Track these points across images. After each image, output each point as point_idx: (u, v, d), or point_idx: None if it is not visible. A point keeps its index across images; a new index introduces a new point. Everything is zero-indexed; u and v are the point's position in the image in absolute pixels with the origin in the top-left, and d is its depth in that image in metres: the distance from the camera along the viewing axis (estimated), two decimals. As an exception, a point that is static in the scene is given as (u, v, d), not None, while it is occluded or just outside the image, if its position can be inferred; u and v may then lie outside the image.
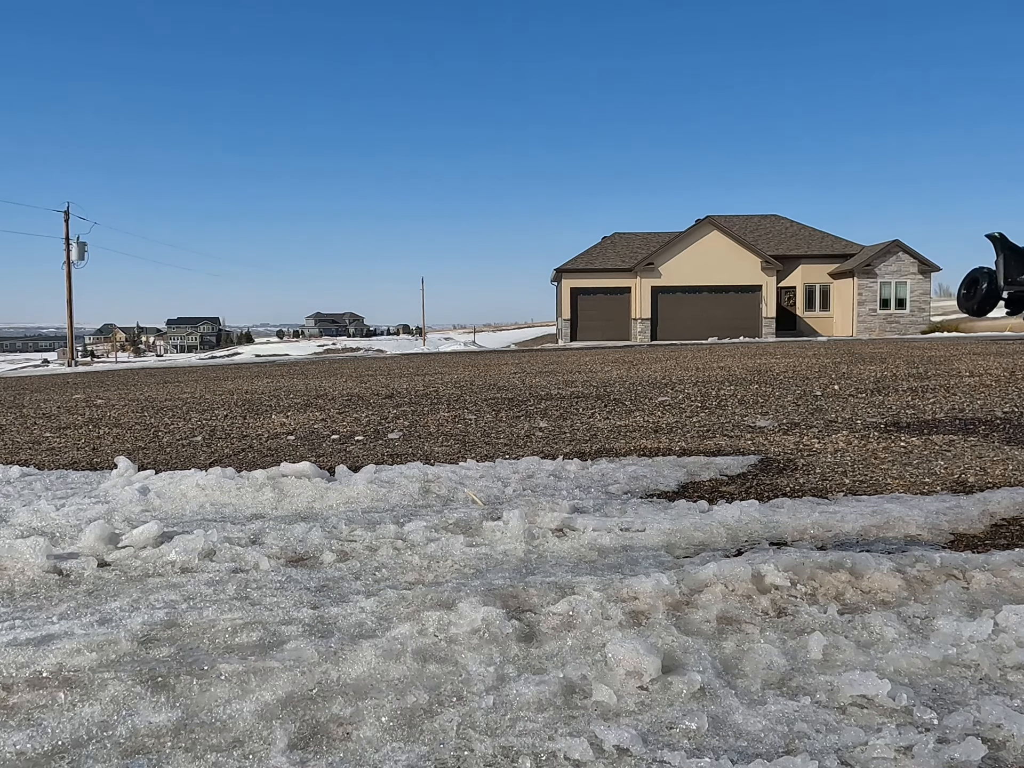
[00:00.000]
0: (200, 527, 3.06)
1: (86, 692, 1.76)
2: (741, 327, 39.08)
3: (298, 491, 3.71)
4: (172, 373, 17.00)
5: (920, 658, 1.85)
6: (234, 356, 58.39)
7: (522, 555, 2.78)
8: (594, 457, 4.65)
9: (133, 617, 2.18)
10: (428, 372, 13.21)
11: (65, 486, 4.19)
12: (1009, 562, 2.45)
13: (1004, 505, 3.22)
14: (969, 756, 1.45)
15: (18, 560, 2.68)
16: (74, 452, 5.62)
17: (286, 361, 24.71)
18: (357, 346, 73.40)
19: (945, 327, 39.22)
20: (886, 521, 3.02)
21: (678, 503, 3.44)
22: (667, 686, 1.75)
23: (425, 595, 2.26)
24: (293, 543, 2.93)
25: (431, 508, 3.49)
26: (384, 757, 1.51)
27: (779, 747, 1.52)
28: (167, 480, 3.97)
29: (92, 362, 44.34)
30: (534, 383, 9.84)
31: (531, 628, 2.08)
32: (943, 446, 4.68)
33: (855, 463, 4.29)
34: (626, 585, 2.29)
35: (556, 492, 3.73)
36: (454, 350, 35.65)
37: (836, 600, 2.25)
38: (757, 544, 2.84)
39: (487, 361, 16.47)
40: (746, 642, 1.98)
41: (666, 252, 40.04)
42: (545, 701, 1.70)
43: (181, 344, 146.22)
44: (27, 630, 2.09)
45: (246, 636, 2.06)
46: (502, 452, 4.97)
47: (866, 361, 10.78)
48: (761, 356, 13.45)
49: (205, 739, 1.59)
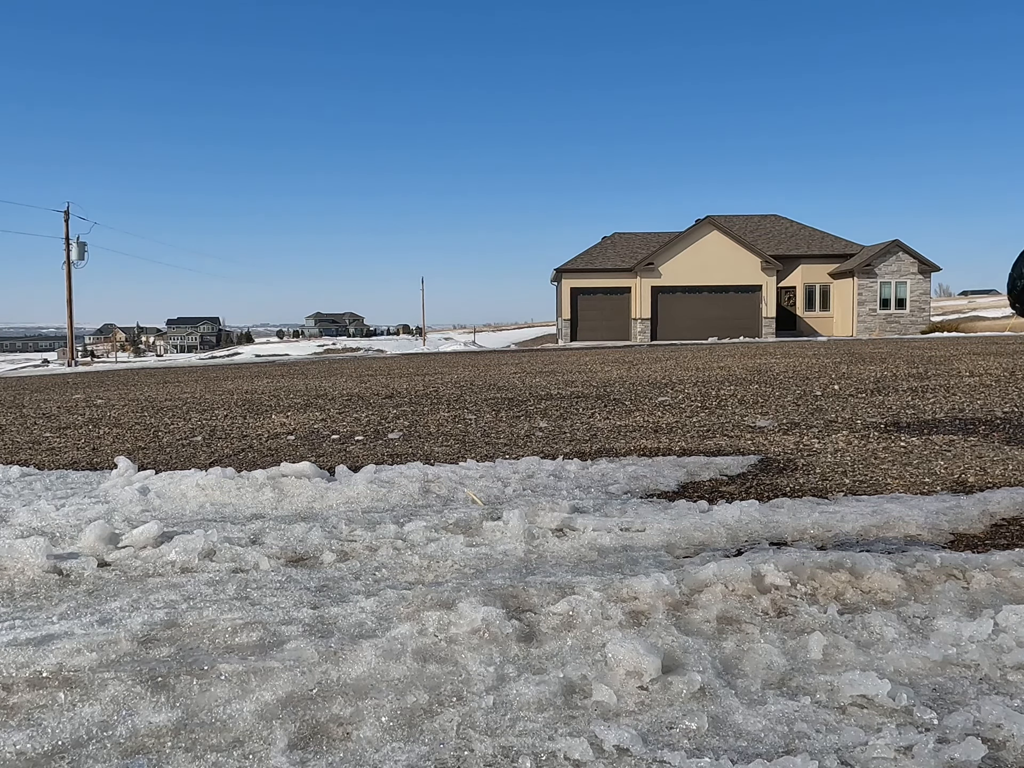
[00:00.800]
0: (200, 527, 3.06)
1: (86, 692, 1.76)
2: (741, 327, 39.07)
3: (298, 491, 3.71)
4: (172, 373, 17.00)
5: (920, 658, 1.85)
6: (234, 356, 58.40)
7: (522, 555, 2.78)
8: (594, 457, 4.65)
9: (133, 617, 2.18)
10: (428, 372, 13.21)
11: (65, 486, 4.19)
12: (1009, 562, 2.45)
13: (1004, 505, 3.22)
14: (969, 756, 1.45)
15: (18, 560, 2.68)
16: (74, 452, 5.62)
17: (286, 361, 24.71)
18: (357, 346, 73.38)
19: (945, 327, 39.24)
20: (886, 521, 3.01)
21: (678, 503, 3.44)
22: (667, 686, 1.75)
23: (425, 595, 2.26)
24: (293, 543, 2.93)
25: (431, 508, 3.49)
26: (384, 757, 1.51)
27: (779, 747, 1.52)
28: (167, 480, 3.97)
29: (92, 362, 44.35)
30: (534, 383, 9.84)
31: (531, 628, 2.08)
32: (943, 446, 4.68)
33: (855, 463, 4.29)
34: (626, 585, 2.29)
35: (556, 492, 3.73)
36: (454, 350, 35.64)
37: (836, 600, 2.25)
38: (757, 544, 2.84)
39: (487, 361, 16.47)
40: (746, 642, 1.98)
41: (666, 252, 40.03)
42: (545, 701, 1.69)
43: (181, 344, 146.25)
44: (27, 630, 2.09)
45: (246, 636, 2.06)
46: (502, 452, 4.97)
47: (866, 361, 10.78)
48: (761, 356, 13.45)
49: (205, 739, 1.59)
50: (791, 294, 41.15)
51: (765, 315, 39.51)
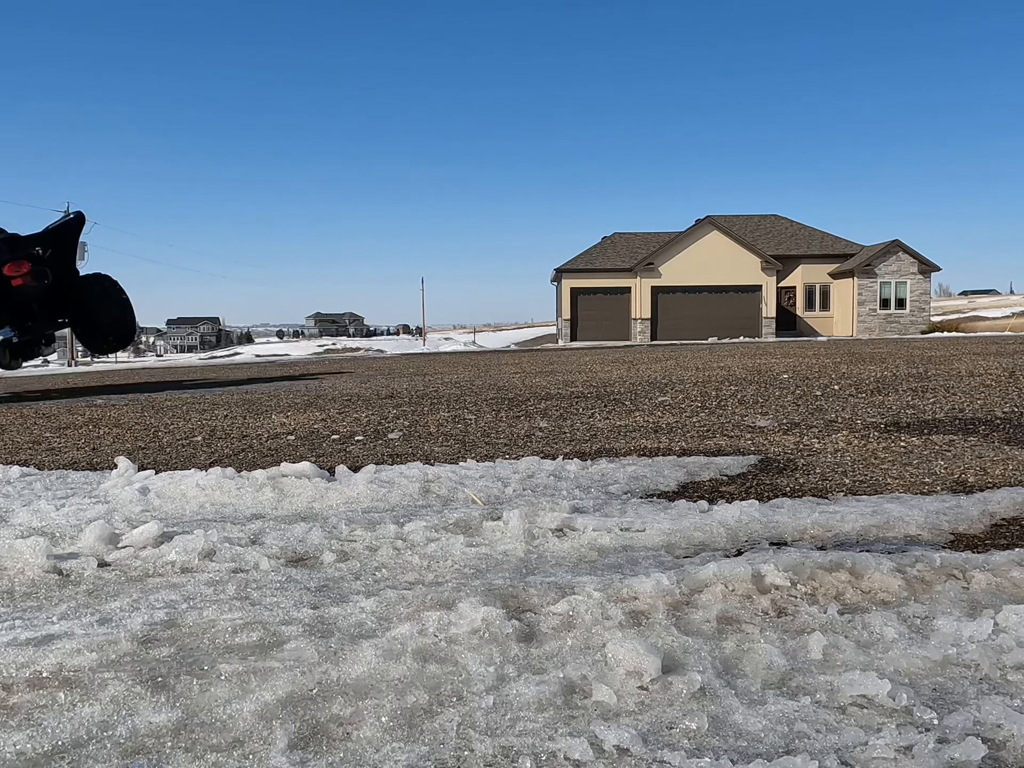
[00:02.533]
0: (200, 527, 3.05)
1: (86, 692, 1.76)
2: (741, 327, 39.08)
3: (298, 491, 3.71)
4: (172, 373, 16.99)
5: (920, 658, 1.85)
6: (234, 356, 58.38)
7: (522, 555, 2.78)
8: (594, 457, 4.65)
9: (133, 617, 2.18)
10: (428, 372, 13.21)
11: (65, 486, 4.19)
12: (1009, 562, 2.45)
13: (1004, 505, 3.22)
14: (969, 756, 1.45)
15: (18, 560, 2.68)
16: (74, 452, 5.62)
17: (286, 361, 24.71)
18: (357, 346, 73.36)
19: (945, 327, 39.25)
20: (886, 521, 3.01)
21: (678, 503, 3.44)
22: (667, 686, 1.75)
23: (425, 595, 2.26)
24: (293, 543, 2.93)
25: (431, 508, 3.49)
26: (384, 757, 1.51)
27: (779, 747, 1.52)
28: (167, 480, 3.97)
29: (92, 362, 44.35)
30: (534, 383, 9.84)
31: (531, 628, 2.08)
32: (943, 446, 4.68)
33: (855, 463, 4.29)
34: (626, 585, 2.29)
35: (556, 492, 3.73)
36: (454, 350, 35.65)
37: (836, 600, 2.25)
38: (757, 544, 2.84)
39: (487, 361, 16.47)
40: (746, 642, 1.98)
41: (666, 252, 40.03)
42: (545, 701, 1.69)
43: (181, 344, 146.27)
44: (27, 630, 2.09)
45: (246, 636, 2.06)
46: (502, 452, 4.97)
47: (866, 361, 10.78)
48: (761, 356, 13.45)
49: (205, 739, 1.59)
50: (791, 294, 41.16)
51: (765, 315, 39.51)
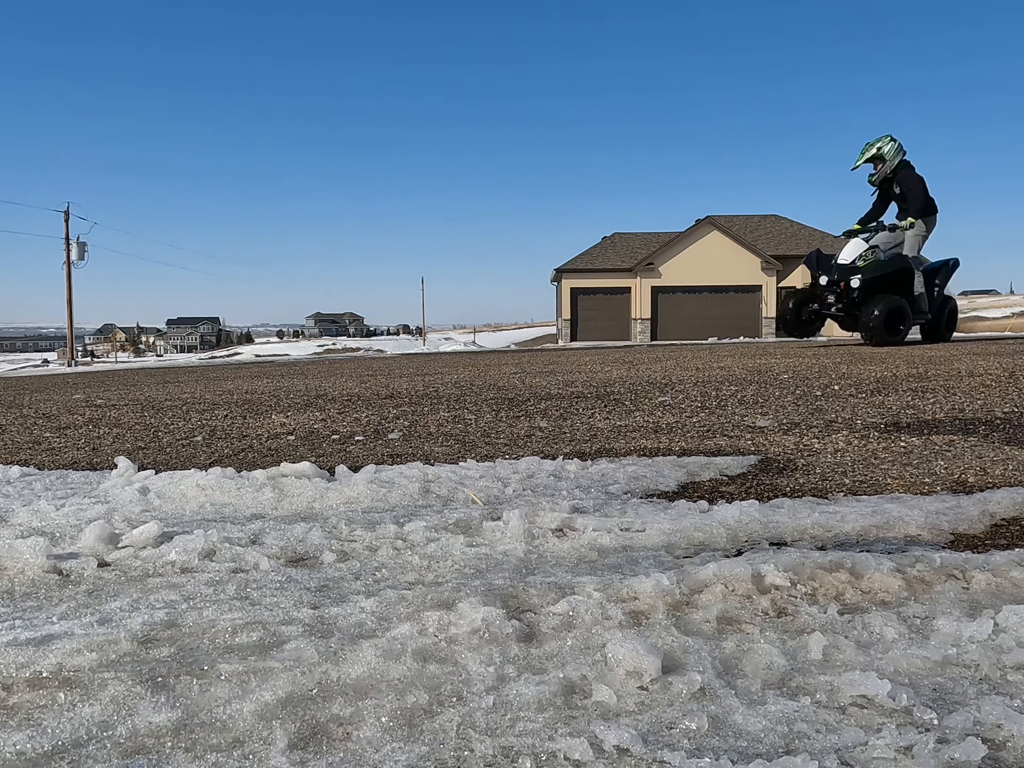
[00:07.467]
0: (200, 527, 3.05)
1: (86, 692, 1.76)
2: (741, 327, 39.07)
3: (298, 491, 3.71)
4: (172, 373, 17.00)
5: (920, 658, 1.85)
6: (234, 356, 58.37)
7: (522, 555, 2.78)
8: (594, 457, 4.65)
9: (133, 617, 2.18)
10: (428, 372, 13.20)
11: (65, 486, 4.19)
12: (1009, 562, 2.45)
13: (1004, 505, 3.22)
14: (969, 756, 1.45)
15: (18, 560, 2.68)
16: (74, 452, 5.62)
17: (286, 361, 24.71)
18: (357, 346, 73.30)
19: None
20: (886, 521, 3.01)
21: (678, 503, 3.43)
22: (667, 686, 1.75)
23: (425, 595, 2.26)
24: (293, 543, 2.93)
25: (431, 508, 3.48)
26: (384, 757, 1.51)
27: (779, 747, 1.52)
28: (167, 480, 3.96)
29: (92, 362, 44.31)
30: (534, 383, 9.84)
31: (531, 628, 2.08)
32: (943, 446, 4.68)
33: (855, 463, 4.29)
34: (626, 585, 2.29)
35: (556, 492, 3.72)
36: (454, 350, 35.63)
37: (836, 600, 2.25)
38: (757, 544, 2.84)
39: (487, 361, 16.46)
40: (746, 642, 1.98)
41: (666, 252, 40.02)
42: (545, 701, 1.69)
43: (181, 344, 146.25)
44: (27, 630, 2.09)
45: (246, 636, 2.06)
46: (502, 452, 4.96)
47: (866, 361, 10.77)
48: (761, 356, 13.44)
49: (205, 739, 1.59)
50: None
51: (765, 315, 39.50)
